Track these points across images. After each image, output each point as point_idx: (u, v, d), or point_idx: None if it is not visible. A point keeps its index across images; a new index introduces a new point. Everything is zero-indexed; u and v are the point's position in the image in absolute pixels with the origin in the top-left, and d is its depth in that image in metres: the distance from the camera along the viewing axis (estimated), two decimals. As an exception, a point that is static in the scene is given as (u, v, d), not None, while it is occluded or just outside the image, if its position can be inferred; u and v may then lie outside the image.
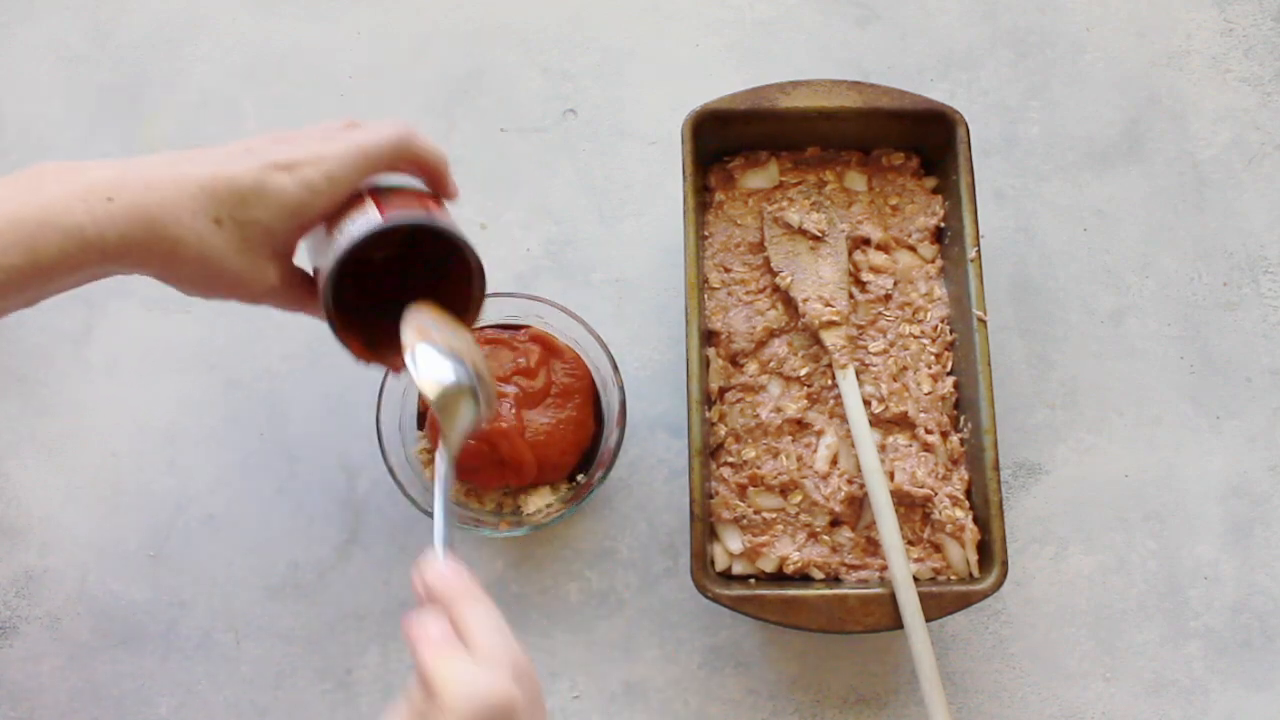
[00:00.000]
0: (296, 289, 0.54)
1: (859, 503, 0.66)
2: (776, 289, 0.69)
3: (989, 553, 0.63)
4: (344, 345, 0.53)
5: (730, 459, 0.66)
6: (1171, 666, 0.69)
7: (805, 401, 0.67)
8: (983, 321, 0.65)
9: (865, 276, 0.69)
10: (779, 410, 0.67)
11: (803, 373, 0.67)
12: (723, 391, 0.68)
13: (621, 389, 0.65)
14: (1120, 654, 0.69)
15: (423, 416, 0.69)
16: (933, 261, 0.70)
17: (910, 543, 0.65)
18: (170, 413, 0.73)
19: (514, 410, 0.65)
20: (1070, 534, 0.71)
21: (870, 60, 0.80)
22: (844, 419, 0.66)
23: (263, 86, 0.80)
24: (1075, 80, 0.80)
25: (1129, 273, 0.76)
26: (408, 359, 0.50)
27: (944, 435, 0.66)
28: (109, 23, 0.81)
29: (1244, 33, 0.80)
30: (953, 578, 0.64)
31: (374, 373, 0.66)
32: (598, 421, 0.69)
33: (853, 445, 0.65)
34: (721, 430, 0.67)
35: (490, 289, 0.56)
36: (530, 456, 0.65)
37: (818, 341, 0.67)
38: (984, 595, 0.61)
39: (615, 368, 0.65)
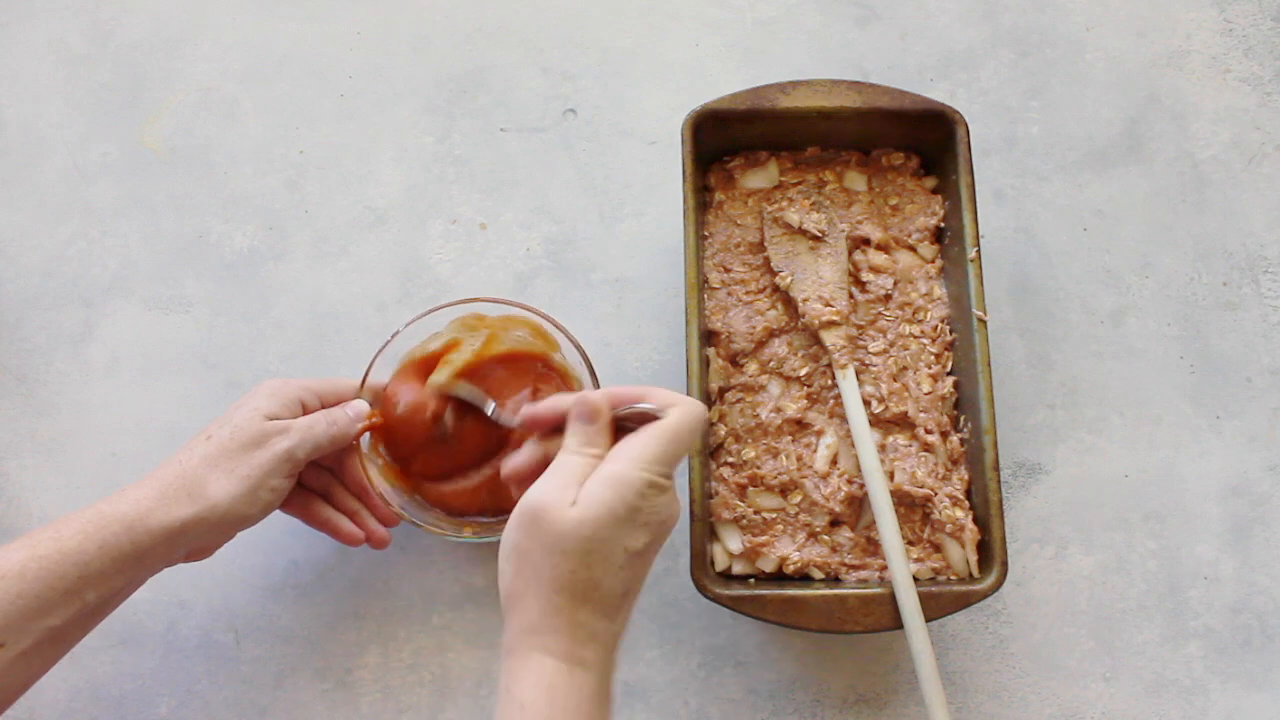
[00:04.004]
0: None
1: (859, 503, 0.66)
2: (776, 289, 0.69)
3: (989, 553, 0.63)
4: None
5: (730, 459, 0.66)
6: (1171, 666, 0.69)
7: (805, 401, 0.67)
8: (983, 321, 0.65)
9: (865, 276, 0.69)
10: (779, 410, 0.67)
11: (803, 373, 0.67)
12: (723, 391, 0.68)
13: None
14: (1120, 654, 0.69)
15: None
16: (933, 261, 0.70)
17: (910, 543, 0.65)
18: (170, 413, 0.73)
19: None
20: (1070, 534, 0.71)
21: (870, 60, 0.80)
22: (844, 419, 0.66)
23: (263, 86, 0.80)
24: (1075, 80, 0.80)
25: (1129, 273, 0.76)
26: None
27: (944, 435, 0.66)
28: (109, 23, 0.81)
29: (1244, 33, 0.80)
30: (953, 578, 0.64)
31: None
32: None
33: (853, 445, 0.65)
34: (721, 430, 0.67)
35: (488, 292, 0.57)
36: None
37: (818, 341, 0.67)
38: (984, 595, 0.61)
39: (594, 376, 0.65)
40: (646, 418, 0.53)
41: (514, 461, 0.58)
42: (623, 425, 0.54)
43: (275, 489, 0.60)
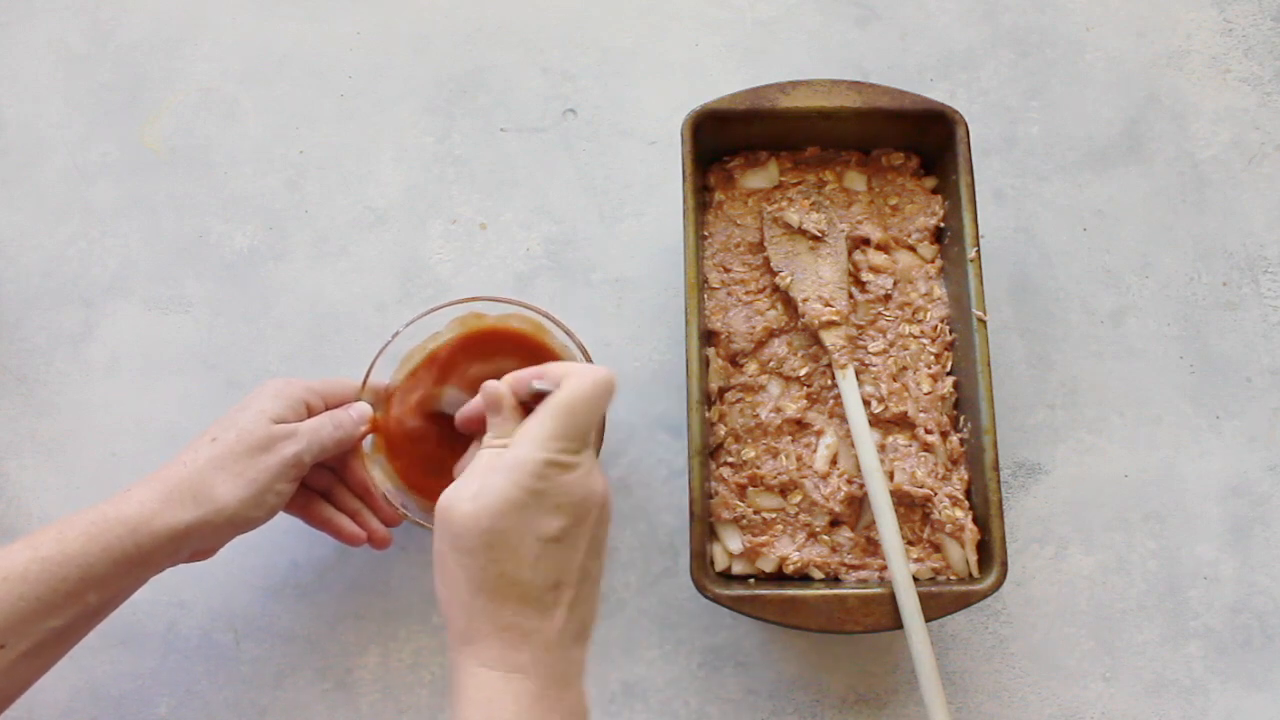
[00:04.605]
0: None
1: (859, 503, 0.66)
2: (776, 289, 0.69)
3: (989, 553, 0.63)
4: None
5: (730, 459, 0.66)
6: (1171, 666, 0.69)
7: (805, 401, 0.67)
8: (983, 321, 0.65)
9: (865, 276, 0.69)
10: (779, 410, 0.67)
11: (802, 373, 0.67)
12: (722, 391, 0.68)
13: None
14: (1120, 654, 0.69)
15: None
16: (932, 261, 0.70)
17: (910, 543, 0.65)
18: (170, 413, 0.73)
19: None
20: (1070, 534, 0.71)
21: (870, 60, 0.80)
22: (844, 419, 0.66)
23: (263, 86, 0.80)
24: (1075, 80, 0.80)
25: (1129, 273, 0.76)
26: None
27: (944, 435, 0.66)
28: (109, 23, 0.81)
29: (1244, 33, 0.80)
30: (952, 578, 0.64)
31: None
32: None
33: (852, 445, 0.65)
34: (721, 430, 0.67)
35: (488, 291, 0.57)
36: None
37: (817, 341, 0.67)
38: (984, 595, 0.61)
39: None
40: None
41: (459, 465, 0.58)
42: (534, 409, 0.52)
43: (281, 493, 0.60)
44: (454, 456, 0.66)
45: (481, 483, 0.49)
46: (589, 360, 0.64)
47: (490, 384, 0.53)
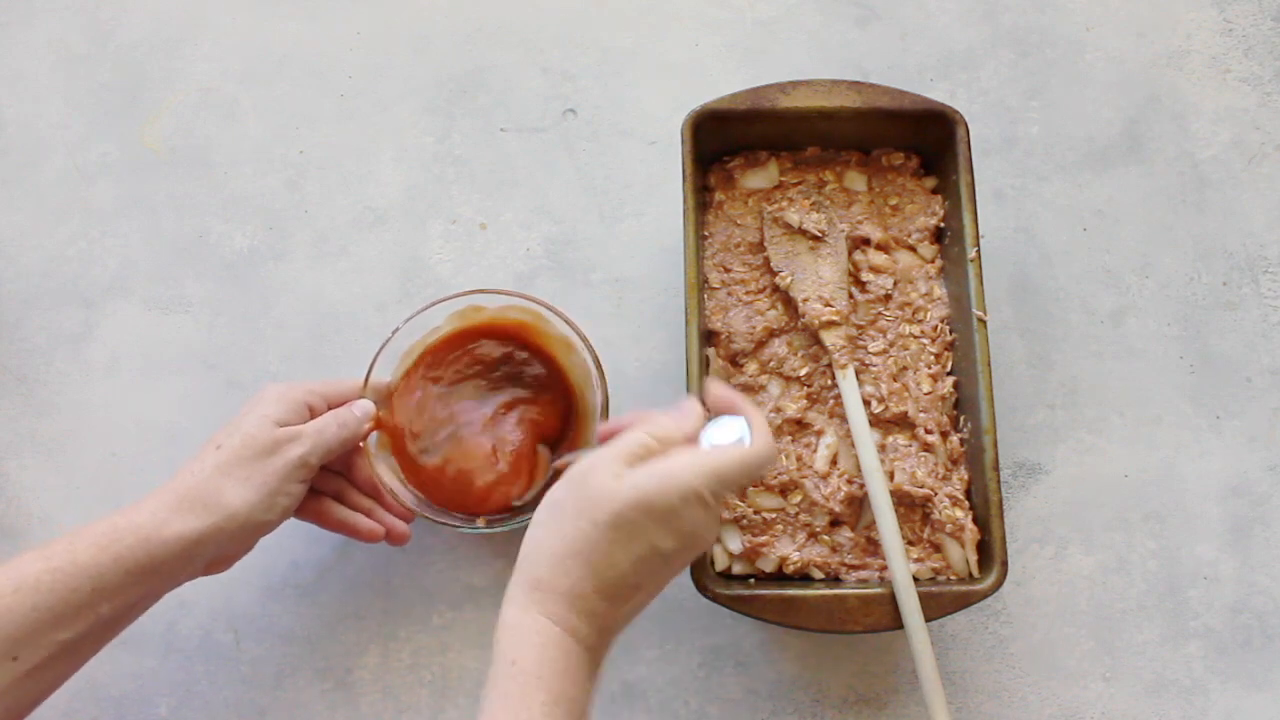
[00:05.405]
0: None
1: (859, 503, 0.66)
2: (776, 289, 0.69)
3: (989, 553, 0.63)
4: None
5: (730, 459, 0.66)
6: (1171, 666, 0.69)
7: (805, 401, 0.67)
8: (983, 321, 0.65)
9: (865, 276, 0.69)
10: (779, 410, 0.67)
11: (803, 373, 0.67)
12: (723, 391, 0.68)
13: (604, 391, 0.65)
14: (1120, 654, 0.69)
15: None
16: (933, 261, 0.70)
17: (910, 543, 0.65)
18: (170, 413, 0.73)
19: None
20: (1070, 534, 0.71)
21: (870, 60, 0.80)
22: (844, 419, 0.66)
23: (263, 86, 0.80)
24: (1075, 80, 0.80)
25: (1129, 273, 0.76)
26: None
27: (944, 435, 0.66)
28: (109, 23, 0.81)
29: (1244, 33, 0.80)
30: (953, 578, 0.64)
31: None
32: (562, 418, 0.68)
33: (853, 445, 0.65)
34: (721, 430, 0.67)
35: (488, 287, 0.57)
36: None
37: (818, 341, 0.67)
38: (984, 595, 0.61)
39: (600, 368, 0.65)
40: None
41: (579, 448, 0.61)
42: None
43: (292, 494, 0.60)
44: (461, 455, 0.66)
45: (632, 471, 0.51)
46: (589, 346, 0.65)
47: (698, 399, 0.57)
